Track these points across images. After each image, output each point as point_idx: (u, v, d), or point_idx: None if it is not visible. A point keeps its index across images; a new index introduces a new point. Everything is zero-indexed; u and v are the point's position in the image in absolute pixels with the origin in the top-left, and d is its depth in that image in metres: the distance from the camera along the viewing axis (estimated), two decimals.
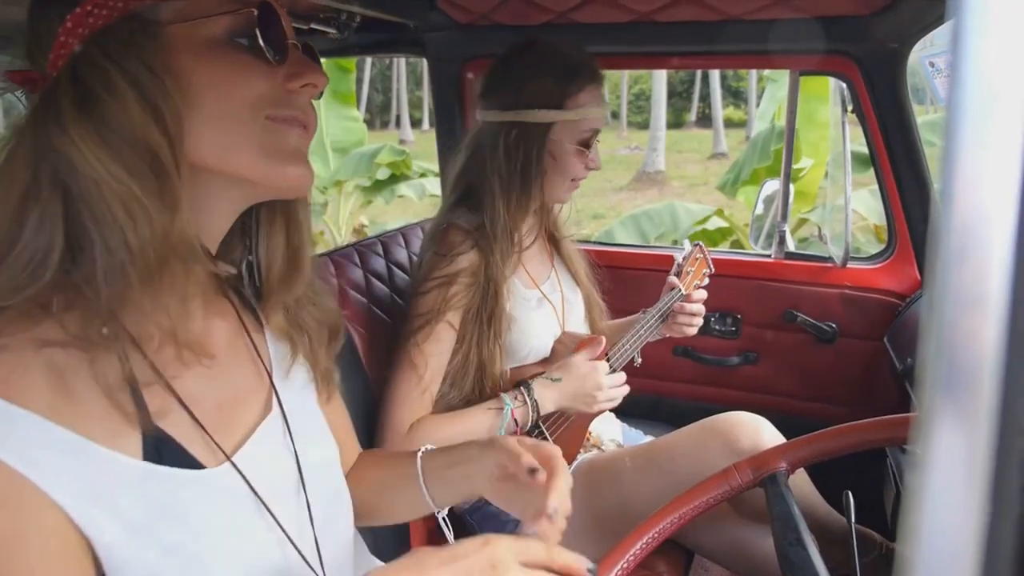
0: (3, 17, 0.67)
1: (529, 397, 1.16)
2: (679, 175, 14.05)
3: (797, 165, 4.15)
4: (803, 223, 4.63)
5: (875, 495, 1.32)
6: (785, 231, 1.72)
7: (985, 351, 0.20)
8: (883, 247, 1.66)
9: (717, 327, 1.73)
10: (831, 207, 2.13)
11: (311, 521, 0.66)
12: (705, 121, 26.32)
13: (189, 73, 0.54)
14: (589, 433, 1.38)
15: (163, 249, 0.52)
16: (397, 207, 7.93)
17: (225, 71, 0.56)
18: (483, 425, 1.15)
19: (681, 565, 1.31)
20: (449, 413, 1.17)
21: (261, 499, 0.61)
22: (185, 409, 0.58)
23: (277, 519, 0.62)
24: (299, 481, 0.66)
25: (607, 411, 1.42)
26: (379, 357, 1.26)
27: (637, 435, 1.51)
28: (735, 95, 28.28)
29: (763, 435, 1.17)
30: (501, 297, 1.18)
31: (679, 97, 30.13)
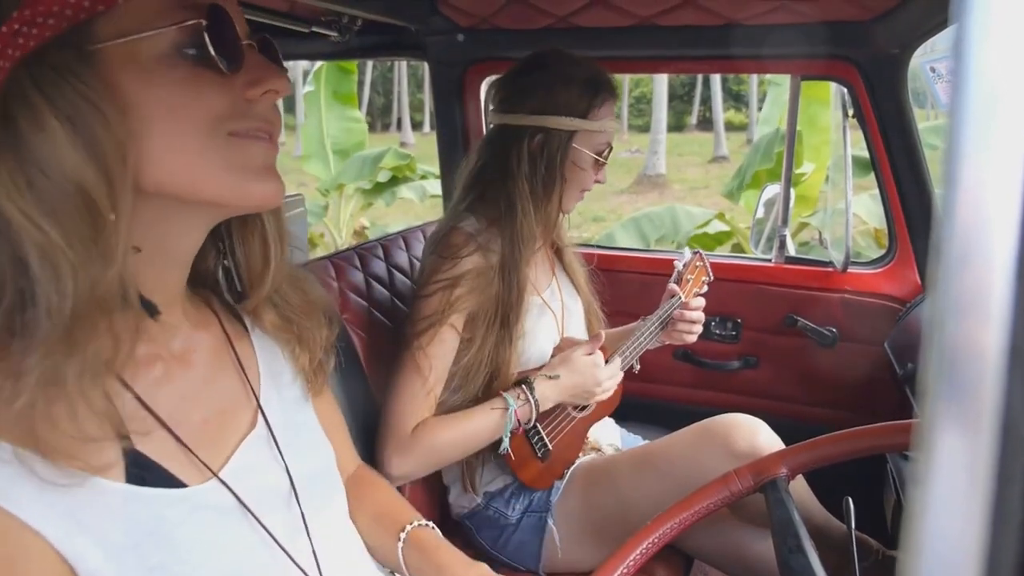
0: None
1: (531, 395, 1.16)
2: (680, 178, 14.06)
3: (798, 169, 4.14)
4: (804, 227, 4.63)
5: (875, 501, 1.32)
6: (786, 235, 1.72)
7: (988, 357, 0.20)
8: (884, 252, 1.66)
9: (717, 331, 1.73)
10: (832, 211, 2.13)
11: (307, 531, 0.65)
12: (706, 124, 26.35)
13: (134, 98, 0.49)
14: (587, 437, 1.38)
15: (85, 306, 0.47)
16: (398, 209, 7.94)
17: (175, 91, 0.50)
18: (487, 425, 1.15)
19: (680, 570, 1.30)
20: (452, 414, 1.17)
21: (251, 512, 0.60)
22: (165, 428, 0.56)
23: (269, 531, 0.60)
24: (291, 491, 0.65)
25: (606, 416, 1.42)
26: (379, 360, 1.26)
27: (636, 439, 1.51)
28: (736, 99, 28.33)
29: (760, 437, 1.17)
30: (524, 302, 1.19)
31: (680, 100, 30.18)
